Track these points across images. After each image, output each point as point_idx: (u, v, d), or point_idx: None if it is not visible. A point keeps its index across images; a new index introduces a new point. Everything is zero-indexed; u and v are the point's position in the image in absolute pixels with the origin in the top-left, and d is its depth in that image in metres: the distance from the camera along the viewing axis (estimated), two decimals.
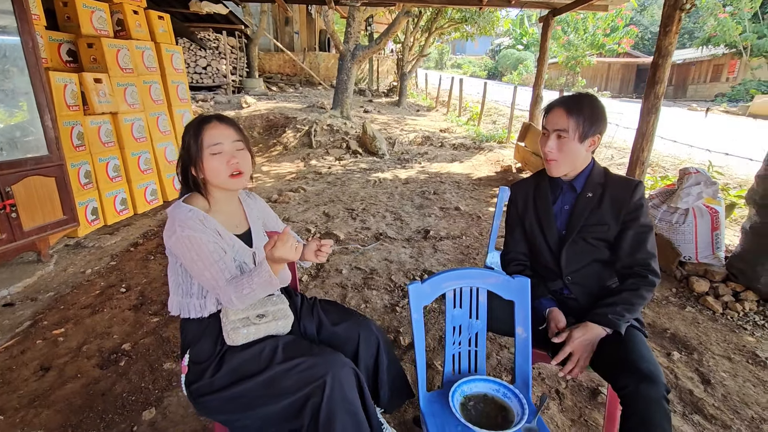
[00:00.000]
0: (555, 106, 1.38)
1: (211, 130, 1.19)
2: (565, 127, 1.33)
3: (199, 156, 1.18)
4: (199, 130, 1.18)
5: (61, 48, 3.57)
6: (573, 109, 1.34)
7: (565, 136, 1.34)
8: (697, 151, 6.04)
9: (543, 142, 1.41)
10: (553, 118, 1.37)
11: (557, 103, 1.39)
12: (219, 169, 1.19)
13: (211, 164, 1.19)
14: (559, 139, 1.35)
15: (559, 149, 1.36)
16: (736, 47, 16.92)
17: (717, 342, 2.21)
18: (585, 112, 1.33)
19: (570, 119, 1.33)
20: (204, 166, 1.19)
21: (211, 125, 1.20)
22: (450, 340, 1.37)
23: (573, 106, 1.35)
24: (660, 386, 1.10)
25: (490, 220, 3.96)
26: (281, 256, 1.08)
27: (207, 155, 1.18)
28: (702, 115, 13.16)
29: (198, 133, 1.18)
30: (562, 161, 1.38)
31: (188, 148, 1.19)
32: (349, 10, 8.10)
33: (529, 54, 27.45)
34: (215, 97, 10.90)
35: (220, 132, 1.20)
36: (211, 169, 1.19)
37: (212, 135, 1.19)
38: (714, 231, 2.72)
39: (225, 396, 1.16)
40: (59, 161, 2.92)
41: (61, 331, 2.18)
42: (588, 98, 1.37)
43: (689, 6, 2.83)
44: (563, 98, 1.40)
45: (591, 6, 5.01)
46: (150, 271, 2.90)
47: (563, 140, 1.35)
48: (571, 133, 1.33)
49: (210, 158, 1.18)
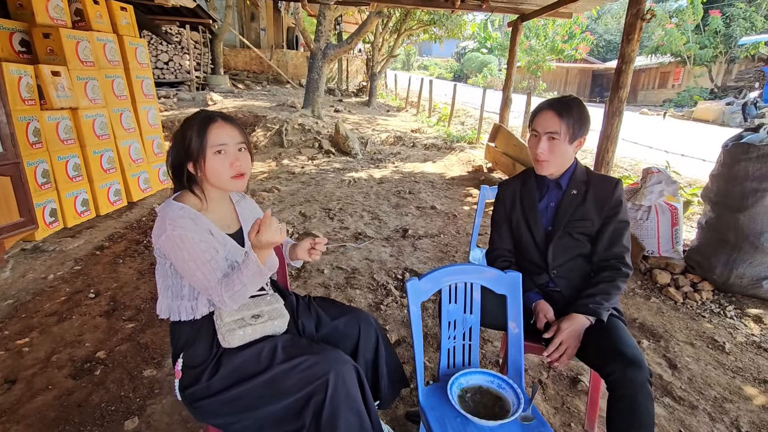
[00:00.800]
0: (545, 109, 1.43)
1: (216, 130, 1.15)
2: (557, 130, 1.39)
3: (202, 154, 1.14)
4: (204, 127, 1.14)
5: (12, 37, 3.32)
6: (564, 112, 1.39)
7: (556, 138, 1.40)
8: (654, 152, 6.46)
9: (534, 143, 1.46)
10: (544, 121, 1.42)
11: (547, 106, 1.44)
12: (221, 170, 1.16)
13: (214, 164, 1.15)
14: (550, 141, 1.41)
15: (550, 150, 1.42)
16: (681, 56, 18.16)
17: (680, 329, 2.38)
18: (574, 115, 1.39)
19: (561, 122, 1.38)
20: (206, 165, 1.15)
21: (217, 124, 1.16)
22: (445, 334, 1.40)
23: (563, 109, 1.40)
24: (644, 370, 1.18)
25: (466, 219, 4.06)
26: (267, 240, 1.05)
27: (210, 154, 1.15)
28: (657, 118, 14.04)
29: (203, 130, 1.14)
30: (552, 161, 1.44)
31: (189, 144, 1.14)
32: (319, 8, 8.03)
33: (492, 58, 28.20)
34: (178, 94, 10.49)
35: (226, 132, 1.17)
36: (214, 169, 1.16)
37: (218, 134, 1.15)
38: (674, 226, 2.92)
39: (224, 398, 1.13)
40: (15, 159, 2.72)
41: (25, 341, 2.03)
42: (575, 102, 1.44)
43: (649, 17, 3.03)
44: (552, 102, 1.45)
45: (557, 13, 5.23)
46: (120, 275, 2.76)
47: (555, 142, 1.41)
48: (563, 135, 1.39)
49: (213, 157, 1.15)
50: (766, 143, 2.50)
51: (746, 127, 2.78)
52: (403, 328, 2.28)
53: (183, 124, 1.18)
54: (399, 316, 2.39)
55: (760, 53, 16.30)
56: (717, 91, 17.63)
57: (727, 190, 2.65)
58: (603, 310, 1.36)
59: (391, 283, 2.76)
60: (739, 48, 16.70)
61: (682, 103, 17.90)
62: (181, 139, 1.17)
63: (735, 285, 2.63)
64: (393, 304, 2.52)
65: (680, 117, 15.20)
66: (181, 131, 1.17)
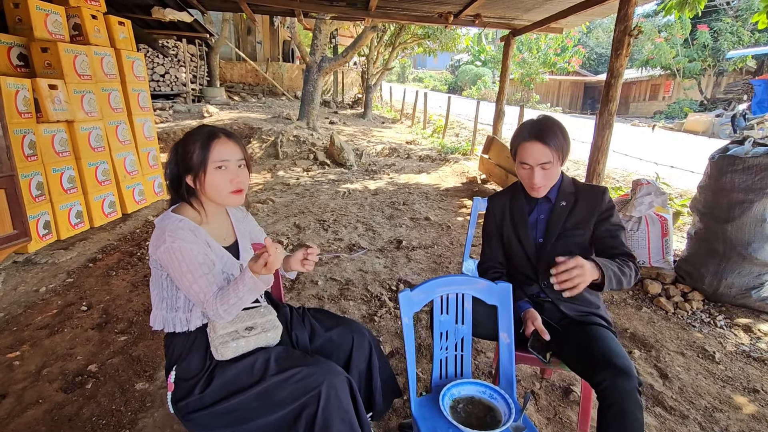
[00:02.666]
0: (529, 141, 1.40)
1: (220, 146, 1.18)
2: (550, 159, 1.40)
3: (203, 169, 1.17)
4: (207, 143, 1.17)
5: (10, 51, 3.35)
6: (551, 140, 1.39)
7: (548, 167, 1.41)
8: (644, 164, 6.54)
9: (527, 174, 1.44)
10: (534, 152, 1.40)
11: (531, 137, 1.40)
12: (221, 185, 1.19)
13: (214, 179, 1.18)
14: (544, 170, 1.42)
15: (545, 178, 1.43)
16: (671, 69, 18.54)
17: (671, 339, 2.40)
18: (559, 139, 1.40)
19: (551, 150, 1.39)
20: (206, 180, 1.18)
21: (220, 140, 1.19)
22: (438, 345, 1.41)
23: (549, 136, 1.39)
24: (633, 379, 1.20)
25: (460, 230, 4.09)
26: (270, 269, 1.08)
27: (211, 169, 1.17)
28: (647, 130, 14.24)
29: (206, 146, 1.17)
30: (548, 185, 1.47)
31: (190, 157, 1.17)
32: (315, 22, 8.15)
33: (486, 70, 28.62)
34: (174, 106, 10.55)
35: (228, 149, 1.20)
36: (213, 184, 1.18)
37: (221, 151, 1.18)
38: (664, 237, 2.96)
39: (217, 411, 1.14)
40: (10, 172, 2.72)
41: (16, 354, 2.02)
42: (554, 123, 1.44)
43: (636, 33, 3.11)
44: (533, 131, 1.41)
45: (548, 28, 5.35)
46: (113, 287, 2.75)
47: (549, 170, 1.42)
48: (554, 161, 1.41)
49: (214, 173, 1.18)
50: (751, 155, 2.56)
51: (732, 140, 2.85)
52: (396, 339, 2.29)
53: (185, 137, 1.21)
54: (393, 328, 2.40)
55: (748, 66, 16.70)
56: (707, 103, 17.97)
57: (714, 201, 2.70)
58: (608, 277, 1.24)
59: (385, 295, 2.77)
60: (727, 61, 17.10)
61: (672, 114, 18.21)
62: (182, 152, 1.19)
63: (724, 295, 2.66)
64: (387, 315, 2.53)
65: (671, 128, 15.45)
66: (183, 144, 1.20)
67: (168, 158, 1.24)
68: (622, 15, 3.27)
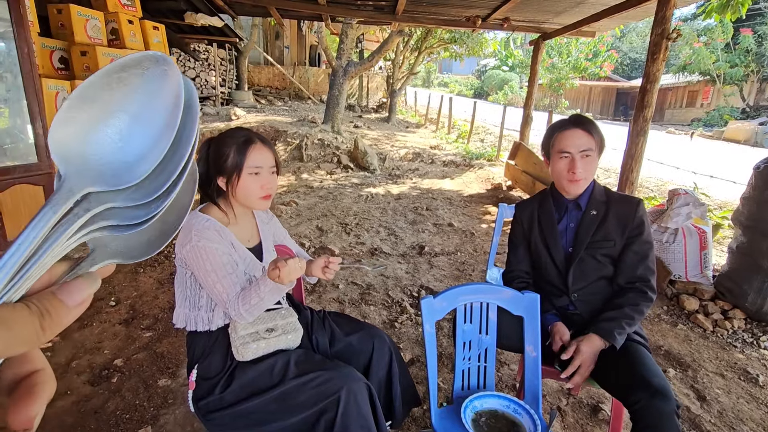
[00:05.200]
0: (571, 128, 1.40)
1: (256, 153, 1.20)
2: (591, 146, 1.37)
3: (237, 173, 1.18)
4: (245, 148, 1.19)
5: (53, 55, 3.53)
6: (590, 128, 1.38)
7: (591, 154, 1.38)
8: (681, 173, 6.27)
9: (566, 165, 1.40)
10: (576, 140, 1.38)
11: (571, 125, 1.40)
12: (252, 190, 1.20)
13: (247, 183, 1.20)
14: (585, 158, 1.38)
15: (586, 168, 1.39)
16: (710, 75, 17.78)
17: (709, 359, 2.26)
18: (597, 129, 1.39)
19: (592, 138, 1.37)
20: (239, 184, 1.19)
21: (256, 147, 1.20)
22: (460, 355, 1.37)
23: (589, 125, 1.39)
24: (671, 401, 1.12)
25: (484, 237, 4.01)
26: (290, 279, 1.09)
27: (245, 174, 1.19)
28: (684, 138, 13.69)
29: (243, 151, 1.18)
30: (588, 178, 1.42)
31: (225, 160, 1.18)
32: (342, 27, 8.23)
33: (514, 75, 28.23)
34: (203, 108, 10.84)
35: (263, 155, 1.21)
36: (245, 188, 1.20)
37: (256, 157, 1.20)
38: (702, 250, 2.80)
39: (236, 412, 1.13)
40: (48, 169, 2.85)
41: (48, 346, 2.09)
42: (587, 117, 1.44)
43: (675, 36, 2.98)
44: (575, 121, 1.42)
45: (580, 32, 5.21)
46: (140, 284, 2.82)
47: (589, 158, 1.38)
48: (596, 150, 1.38)
49: (247, 177, 1.19)
50: None
51: None
52: (417, 346, 2.24)
53: (220, 138, 1.22)
54: (413, 335, 2.35)
55: None
56: (749, 110, 17.13)
57: (759, 213, 2.54)
58: (621, 338, 1.31)
59: (406, 301, 2.73)
60: None
61: (711, 122, 17.45)
62: (216, 154, 1.20)
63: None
64: (408, 321, 2.49)
65: (709, 137, 14.78)
66: (217, 145, 1.21)
67: (198, 155, 1.25)
68: (659, 17, 3.14)
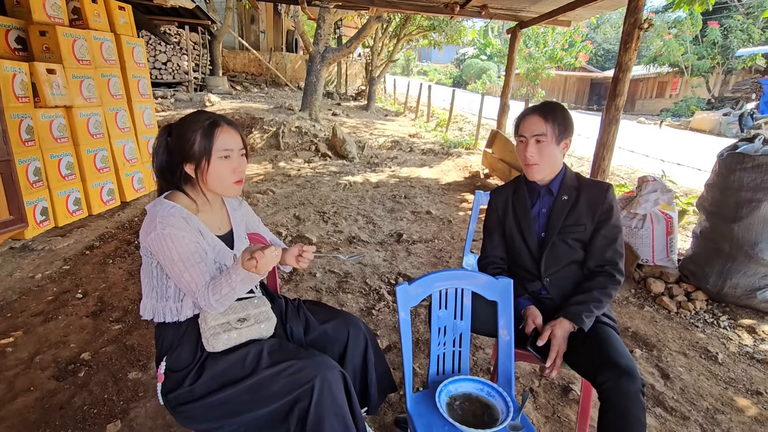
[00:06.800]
0: (529, 114, 1.46)
1: (224, 135, 1.14)
2: (544, 132, 1.41)
3: (207, 158, 1.13)
4: (211, 131, 1.13)
5: (8, 34, 3.30)
6: (548, 114, 1.42)
7: (543, 140, 1.41)
8: (650, 161, 6.47)
9: (522, 148, 1.46)
10: (530, 125, 1.43)
11: (531, 111, 1.46)
12: (224, 175, 1.16)
13: (218, 169, 1.14)
14: (538, 143, 1.42)
15: (539, 153, 1.42)
16: (679, 66, 18.30)
17: (673, 339, 2.36)
18: (558, 116, 1.42)
19: (546, 124, 1.41)
20: (209, 169, 1.14)
21: (223, 129, 1.15)
22: (435, 341, 1.38)
23: (547, 112, 1.43)
24: (637, 380, 1.16)
25: (461, 224, 4.04)
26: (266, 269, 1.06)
27: (215, 159, 1.13)
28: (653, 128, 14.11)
29: (210, 134, 1.13)
30: (543, 164, 1.44)
31: (191, 145, 1.12)
32: (319, 11, 8.05)
33: (492, 64, 28.35)
34: (176, 94, 10.48)
35: (231, 137, 1.16)
36: (217, 174, 1.15)
37: (225, 140, 1.14)
38: (668, 235, 2.91)
39: (207, 403, 1.11)
40: (6, 156, 2.70)
41: (9, 341, 1.99)
42: (557, 105, 1.47)
43: (647, 25, 3.03)
44: (536, 106, 1.47)
45: (556, 21, 5.25)
46: (109, 275, 2.72)
47: (542, 144, 1.42)
48: (549, 136, 1.41)
49: (217, 162, 1.14)
50: (761, 153, 2.50)
51: (741, 137, 2.78)
52: (394, 333, 2.25)
53: (180, 124, 1.16)
54: (391, 322, 2.36)
55: (757, 65, 16.45)
56: (714, 101, 17.76)
57: (722, 199, 2.65)
58: (589, 321, 1.36)
59: (384, 288, 2.73)
60: (736, 59, 16.86)
61: (679, 113, 18.02)
62: (180, 140, 1.14)
63: (729, 295, 2.62)
64: (385, 309, 2.50)
65: (677, 126, 15.30)
66: (180, 131, 1.15)
67: (156, 144, 1.18)
68: (632, 7, 3.18)
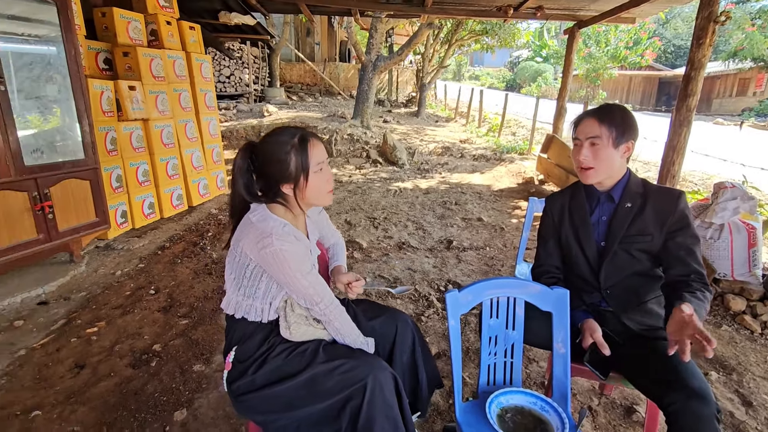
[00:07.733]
0: (585, 117, 1.40)
1: (315, 149, 1.17)
2: (598, 134, 1.33)
3: (305, 174, 1.16)
4: (304, 147, 1.15)
5: (98, 56, 3.71)
6: (604, 117, 1.34)
7: (598, 143, 1.34)
8: (728, 166, 5.88)
9: (576, 152, 1.40)
10: (585, 127, 1.37)
11: (587, 113, 1.40)
12: (321, 187, 1.19)
13: (315, 182, 1.18)
14: (592, 146, 1.35)
15: (594, 156, 1.35)
16: (764, 61, 16.52)
17: (756, 363, 2.12)
18: (616, 119, 1.33)
19: (601, 126, 1.33)
20: (308, 184, 1.17)
21: (313, 143, 1.18)
22: (485, 350, 1.35)
23: (603, 114, 1.36)
24: (711, 404, 1.06)
25: (514, 232, 3.92)
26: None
27: (312, 173, 1.17)
28: (733, 129, 12.83)
29: (304, 150, 1.15)
30: (598, 168, 1.36)
31: (287, 167, 1.15)
32: (371, 21, 8.23)
33: (548, 66, 27.31)
34: (238, 106, 11.16)
35: (320, 149, 1.19)
36: (315, 187, 1.18)
37: (317, 154, 1.17)
38: (751, 248, 2.63)
39: (265, 395, 1.16)
40: (94, 165, 3.02)
41: (94, 330, 2.23)
42: (618, 107, 1.39)
43: (724, 18, 2.79)
44: (593, 109, 1.40)
45: (618, 18, 4.97)
46: (177, 274, 2.95)
47: (597, 147, 1.34)
48: (604, 139, 1.33)
49: (314, 176, 1.17)
50: None
51: None
52: (443, 341, 2.23)
53: (266, 145, 1.17)
54: (440, 329, 2.34)
55: None
56: None
57: None
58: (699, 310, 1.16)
59: (433, 295, 2.72)
60: None
61: (764, 112, 16.24)
62: (275, 164, 1.15)
63: None
64: (434, 316, 2.48)
65: (762, 127, 13.78)
66: (270, 155, 1.16)
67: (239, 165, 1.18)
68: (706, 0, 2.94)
